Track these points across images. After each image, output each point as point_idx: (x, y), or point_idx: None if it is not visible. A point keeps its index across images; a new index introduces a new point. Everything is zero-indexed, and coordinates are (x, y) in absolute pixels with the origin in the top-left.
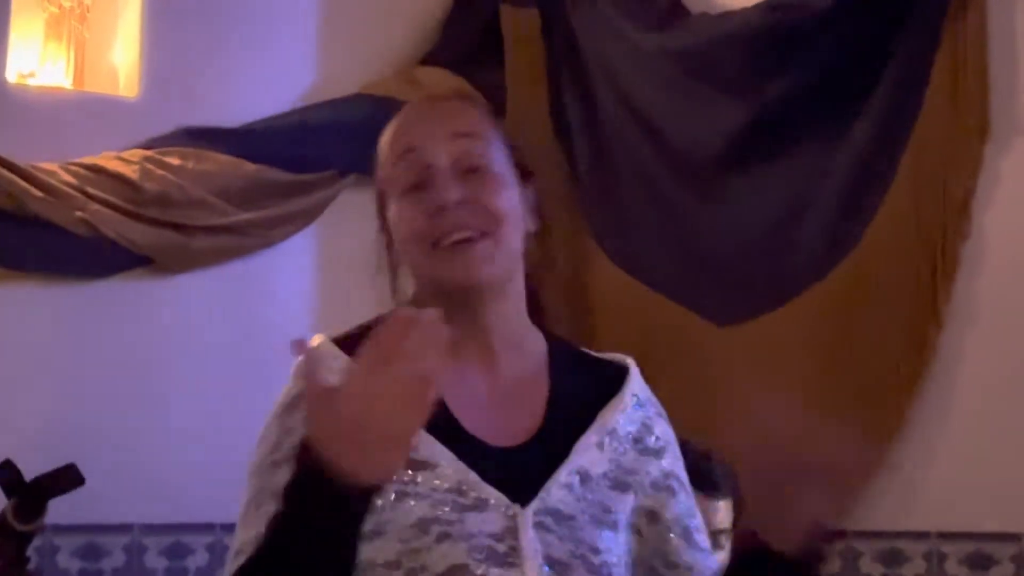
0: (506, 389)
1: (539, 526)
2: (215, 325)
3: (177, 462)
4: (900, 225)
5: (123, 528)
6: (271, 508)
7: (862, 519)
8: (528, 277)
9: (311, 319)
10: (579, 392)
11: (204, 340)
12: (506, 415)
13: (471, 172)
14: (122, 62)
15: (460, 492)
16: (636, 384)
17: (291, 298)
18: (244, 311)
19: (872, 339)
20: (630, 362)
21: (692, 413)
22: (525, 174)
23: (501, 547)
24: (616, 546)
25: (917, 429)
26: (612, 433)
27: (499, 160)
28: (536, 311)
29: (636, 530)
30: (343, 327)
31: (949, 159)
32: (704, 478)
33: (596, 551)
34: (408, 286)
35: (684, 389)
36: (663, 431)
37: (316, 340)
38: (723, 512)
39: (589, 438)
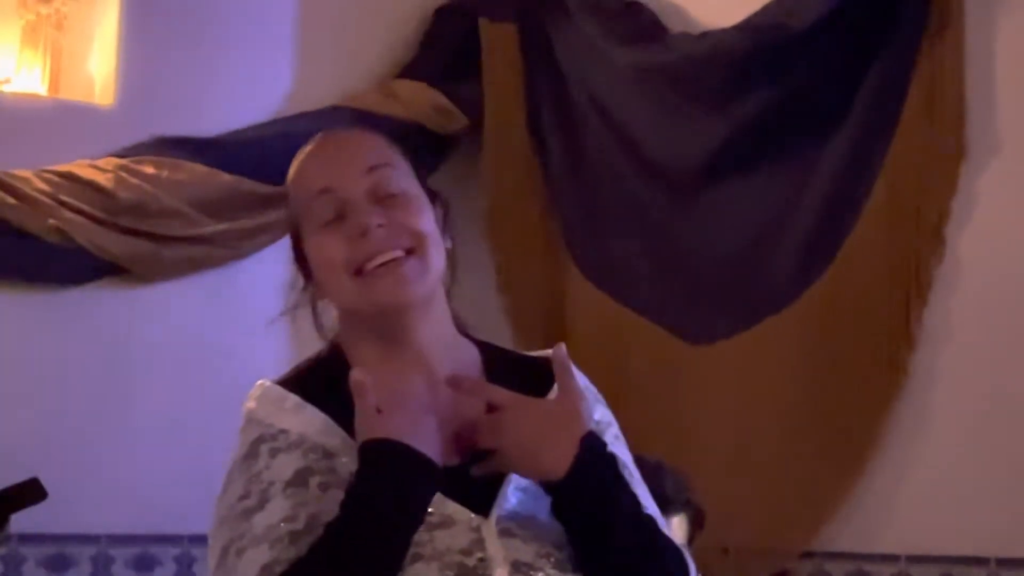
0: (448, 402)
1: (504, 533)
2: (187, 335)
3: (146, 472)
4: (875, 245)
5: (90, 538)
6: (255, 553)
7: (832, 539)
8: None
9: (281, 331)
10: (517, 390)
11: (175, 350)
12: (453, 428)
13: (388, 199)
14: (98, 70)
15: (427, 512)
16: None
17: (263, 309)
18: (216, 322)
19: (846, 359)
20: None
21: (667, 431)
22: (432, 195)
23: (471, 561)
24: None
25: (889, 450)
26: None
27: (412, 184)
28: (457, 323)
29: None
30: (306, 351)
31: (924, 179)
32: (654, 493)
33: (560, 547)
34: (330, 319)
35: (659, 407)
36: (602, 414)
37: (260, 386)
38: (675, 527)
39: None
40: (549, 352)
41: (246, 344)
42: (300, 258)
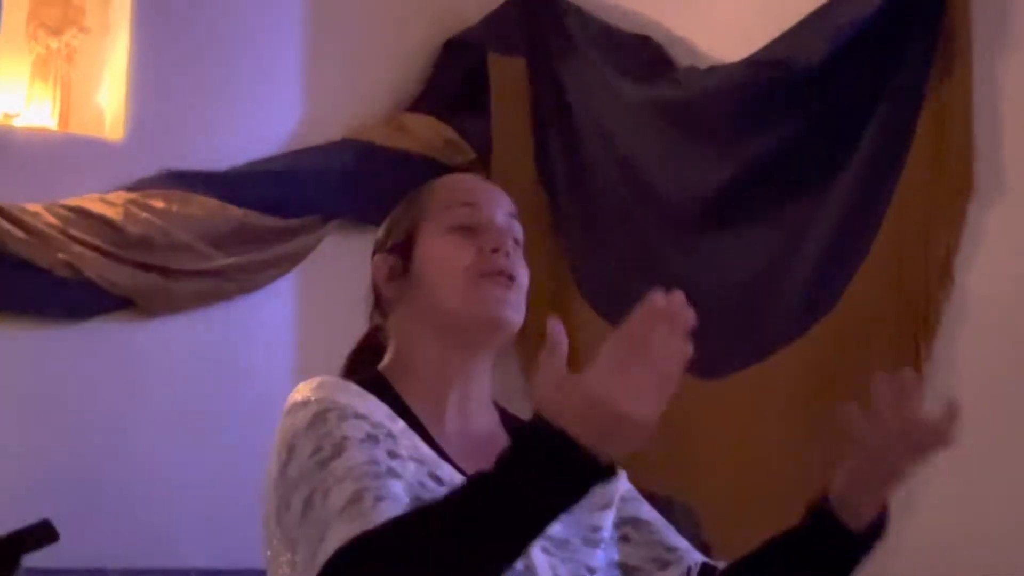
0: (478, 440)
1: (543, 550)
2: (196, 369)
3: (154, 506)
4: (882, 282)
5: (98, 572)
6: (340, 489)
7: None
8: None
9: (292, 364)
10: None
11: (185, 384)
12: (478, 463)
13: (515, 247)
14: (108, 104)
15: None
16: None
17: (273, 343)
18: (225, 355)
19: (854, 393)
20: None
21: (676, 465)
22: None
23: (519, 566)
24: (603, 562)
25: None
26: None
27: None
28: None
29: (625, 538)
30: (326, 372)
31: (932, 217)
32: None
33: (592, 570)
34: (398, 324)
35: (665, 441)
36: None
37: (312, 380)
38: None
39: None
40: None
41: (255, 377)
42: (402, 253)
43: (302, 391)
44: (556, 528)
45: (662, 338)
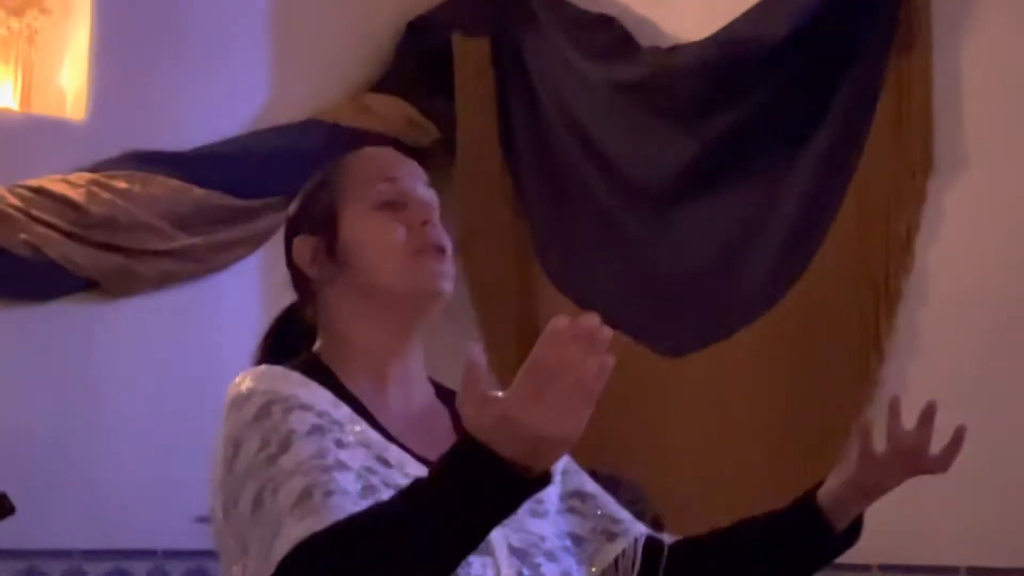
0: (419, 415)
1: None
2: (160, 349)
3: (119, 487)
4: (845, 258)
5: (63, 554)
6: (290, 485)
7: None
8: None
9: (255, 344)
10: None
11: (148, 364)
12: (424, 439)
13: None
14: (70, 85)
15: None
16: None
17: (236, 323)
18: (189, 336)
19: (817, 370)
20: None
21: (641, 443)
22: None
23: None
24: (552, 532)
25: None
26: None
27: None
28: None
29: (571, 510)
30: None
31: (893, 193)
32: None
33: (542, 538)
34: (329, 305)
35: (633, 420)
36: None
37: (253, 370)
38: None
39: None
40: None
41: (219, 358)
42: (325, 235)
43: (244, 382)
44: None
45: (577, 358)
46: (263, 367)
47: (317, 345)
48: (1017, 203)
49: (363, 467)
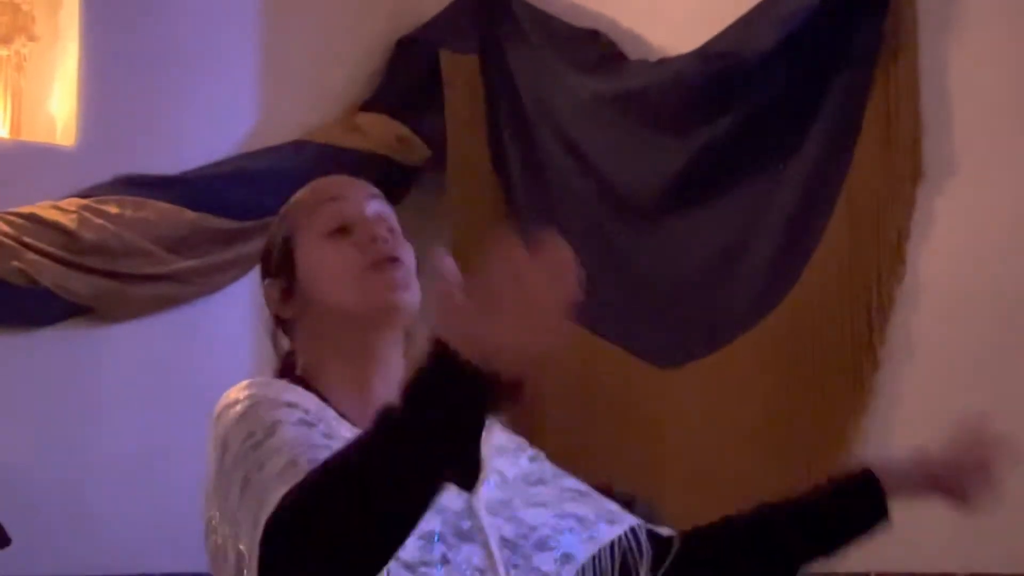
0: None
1: (490, 511)
2: (155, 373)
3: (113, 514)
4: (836, 266)
5: None
6: (275, 461)
7: None
8: None
9: (251, 366)
10: None
11: (144, 388)
12: None
13: (388, 231)
14: (59, 111)
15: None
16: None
17: (231, 345)
18: (184, 359)
19: (811, 378)
20: None
21: (637, 454)
22: None
23: (466, 524)
24: (547, 519)
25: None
26: (501, 447)
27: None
28: None
29: (573, 499)
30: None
31: (883, 200)
32: None
33: (533, 528)
34: (304, 341)
35: (627, 432)
36: (528, 444)
37: (241, 383)
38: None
39: (488, 449)
40: None
41: (215, 380)
42: (286, 273)
43: (231, 394)
44: (496, 492)
45: (536, 277)
46: (250, 379)
47: (299, 370)
48: (1006, 207)
49: None
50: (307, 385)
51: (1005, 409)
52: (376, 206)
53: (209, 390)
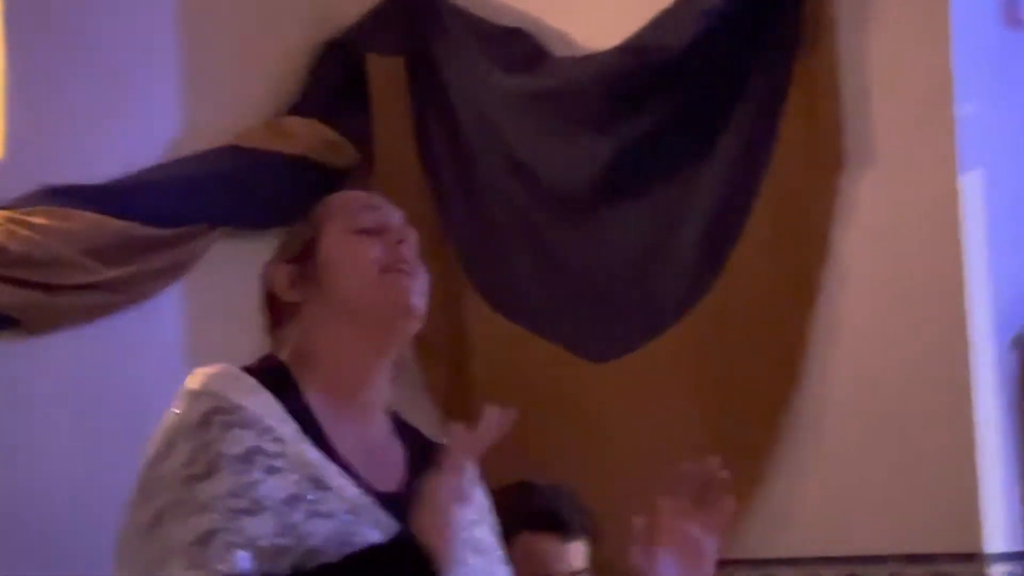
0: (373, 443)
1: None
2: (86, 384)
3: (45, 527)
4: (763, 254)
5: None
6: (195, 521)
7: (734, 547)
8: None
9: (183, 373)
10: (426, 455)
11: (74, 400)
12: (375, 467)
13: (415, 248)
14: None
15: (358, 515)
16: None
17: (162, 353)
18: (115, 369)
19: (741, 368)
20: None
21: (573, 449)
22: None
23: None
24: None
25: (787, 455)
26: (471, 523)
27: None
28: None
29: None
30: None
31: (806, 189)
32: (553, 519)
33: None
34: (304, 326)
35: (564, 428)
36: (483, 497)
37: (210, 368)
38: (575, 552)
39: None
40: (439, 438)
41: (146, 389)
42: (303, 258)
43: (198, 378)
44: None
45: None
46: (222, 367)
47: (285, 355)
48: (925, 194)
49: (289, 496)
50: (286, 374)
51: (931, 390)
52: (405, 229)
53: (141, 399)
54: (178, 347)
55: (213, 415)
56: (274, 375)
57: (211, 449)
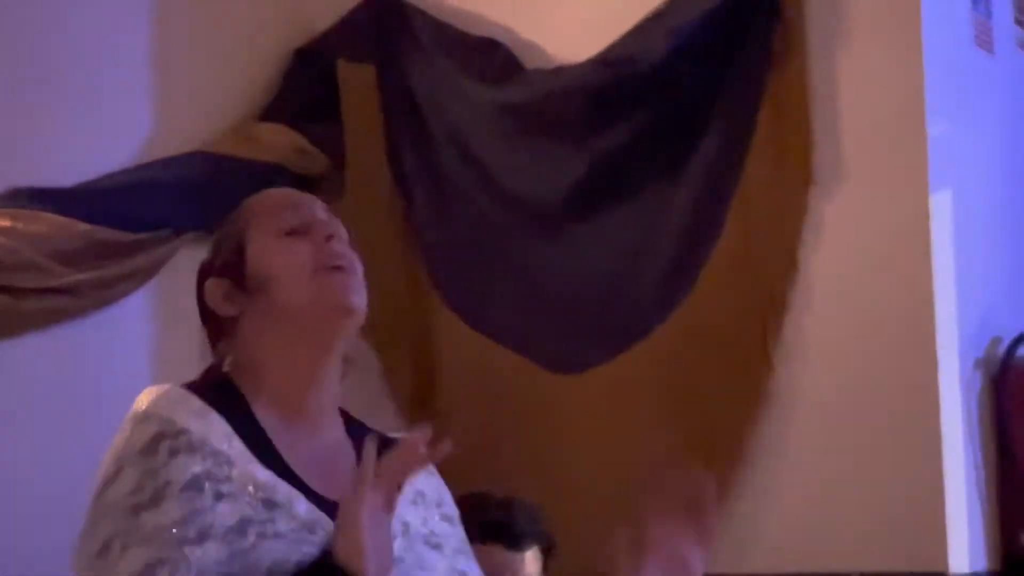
0: (324, 450)
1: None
2: (51, 389)
3: (17, 531)
4: (732, 271)
5: None
6: (141, 552)
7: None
8: None
9: (149, 379)
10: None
11: (40, 404)
12: (326, 474)
13: (342, 238)
14: None
15: (312, 531)
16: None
17: (128, 358)
18: (80, 374)
19: (709, 383)
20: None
21: (539, 462)
22: None
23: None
24: (444, 570)
25: (754, 471)
26: (420, 494)
27: None
28: None
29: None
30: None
31: (776, 205)
32: (505, 530)
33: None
34: (244, 338)
35: (529, 439)
36: (450, 500)
37: (158, 388)
38: (529, 562)
39: (406, 495)
40: (401, 434)
41: (111, 394)
42: (233, 270)
43: (146, 399)
44: (398, 547)
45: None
46: (168, 386)
47: (227, 366)
48: (893, 212)
49: (239, 520)
50: (232, 389)
51: (899, 407)
52: (330, 216)
53: (105, 404)
54: (144, 352)
55: (159, 440)
56: (220, 391)
57: (158, 476)
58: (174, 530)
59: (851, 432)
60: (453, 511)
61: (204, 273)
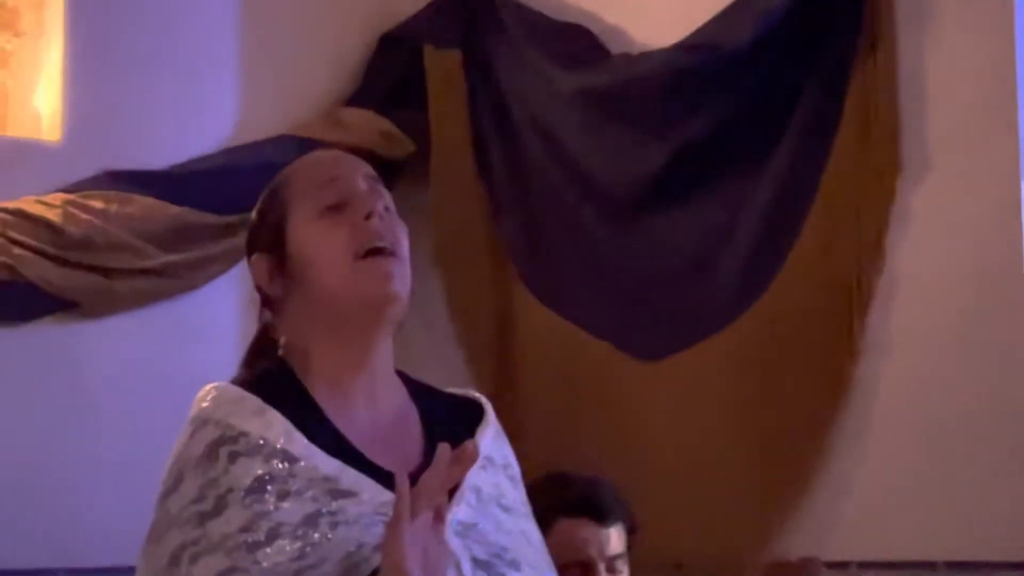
0: (387, 421)
1: (458, 534)
2: (140, 368)
3: (105, 506)
4: (815, 260)
5: (46, 572)
6: (211, 560)
7: (783, 551)
8: None
9: (237, 360)
10: (446, 421)
11: (130, 384)
12: (392, 446)
13: (384, 209)
14: (45, 106)
15: (384, 513)
16: (494, 416)
17: (216, 340)
18: (169, 354)
19: (791, 372)
20: (482, 398)
21: (617, 446)
22: None
23: None
24: (517, 540)
25: (835, 460)
26: (489, 459)
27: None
28: None
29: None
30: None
31: (862, 194)
32: (592, 504)
33: (505, 548)
34: (290, 322)
35: (607, 424)
36: (515, 461)
37: (213, 387)
38: (615, 538)
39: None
40: (468, 391)
41: (200, 375)
42: (276, 249)
43: (204, 400)
44: (466, 514)
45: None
46: (224, 386)
47: (282, 348)
48: (982, 199)
49: (306, 515)
50: (288, 374)
51: (982, 399)
52: (372, 184)
53: (194, 385)
54: (232, 334)
55: (218, 446)
56: (276, 381)
57: (219, 484)
58: (242, 537)
59: (931, 422)
60: (518, 472)
61: (250, 247)
